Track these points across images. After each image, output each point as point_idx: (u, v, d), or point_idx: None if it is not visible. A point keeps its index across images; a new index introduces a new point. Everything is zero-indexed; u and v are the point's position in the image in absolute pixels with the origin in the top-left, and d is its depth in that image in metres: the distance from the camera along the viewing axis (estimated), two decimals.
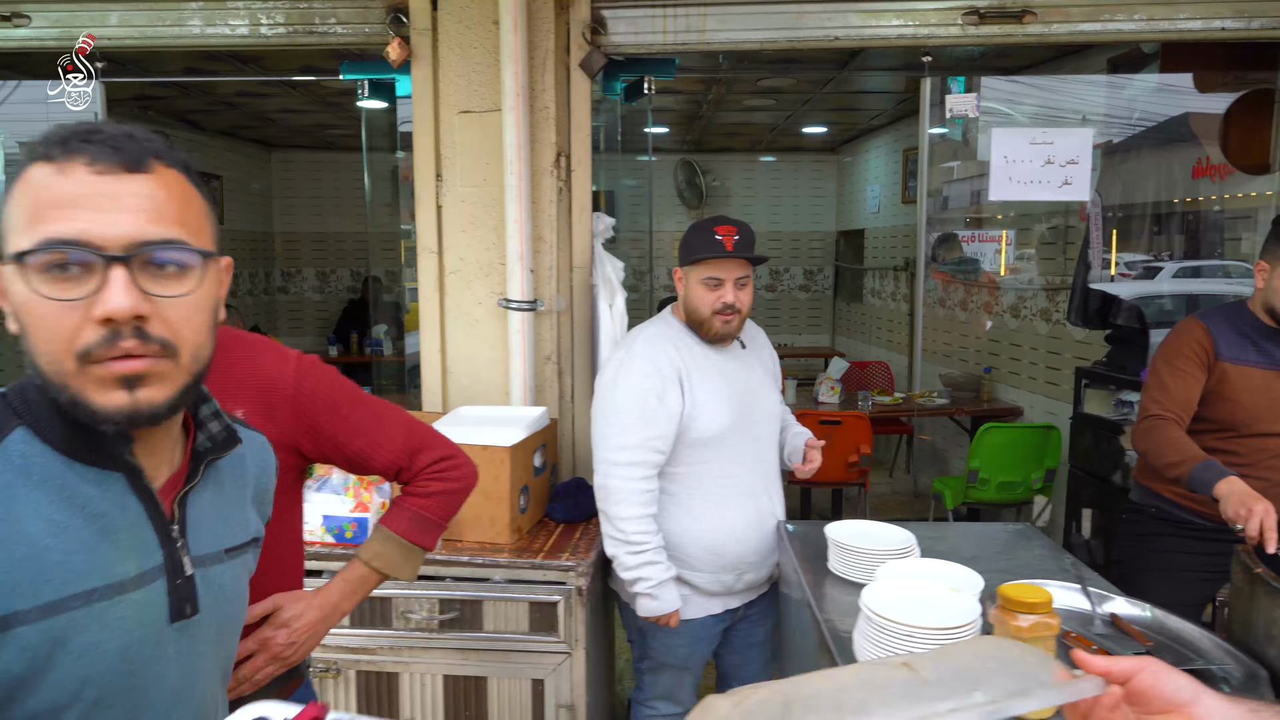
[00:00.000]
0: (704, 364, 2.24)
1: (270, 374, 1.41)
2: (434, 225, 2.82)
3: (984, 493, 4.46)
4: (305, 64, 4.99)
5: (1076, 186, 2.89)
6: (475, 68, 2.72)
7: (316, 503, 2.33)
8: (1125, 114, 4.23)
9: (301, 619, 1.44)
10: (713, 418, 2.19)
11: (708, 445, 2.21)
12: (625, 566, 2.15)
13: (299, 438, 1.44)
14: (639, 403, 2.14)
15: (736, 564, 2.26)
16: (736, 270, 2.20)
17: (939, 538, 2.33)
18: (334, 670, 2.31)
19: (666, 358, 2.19)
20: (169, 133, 6.75)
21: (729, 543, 2.24)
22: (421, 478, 1.56)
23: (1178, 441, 2.22)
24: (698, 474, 2.23)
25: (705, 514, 2.23)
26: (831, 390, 5.32)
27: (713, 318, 2.21)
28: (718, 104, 6.46)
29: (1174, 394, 2.30)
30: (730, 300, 2.20)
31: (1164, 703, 0.81)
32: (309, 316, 8.97)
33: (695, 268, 2.21)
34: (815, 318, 9.36)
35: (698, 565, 2.24)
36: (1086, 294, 3.94)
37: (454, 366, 2.88)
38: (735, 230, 2.19)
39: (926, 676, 0.79)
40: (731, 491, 2.25)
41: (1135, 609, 1.80)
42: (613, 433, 2.16)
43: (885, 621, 1.52)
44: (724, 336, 2.25)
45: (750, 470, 2.29)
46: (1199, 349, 2.31)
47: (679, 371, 2.18)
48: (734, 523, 2.25)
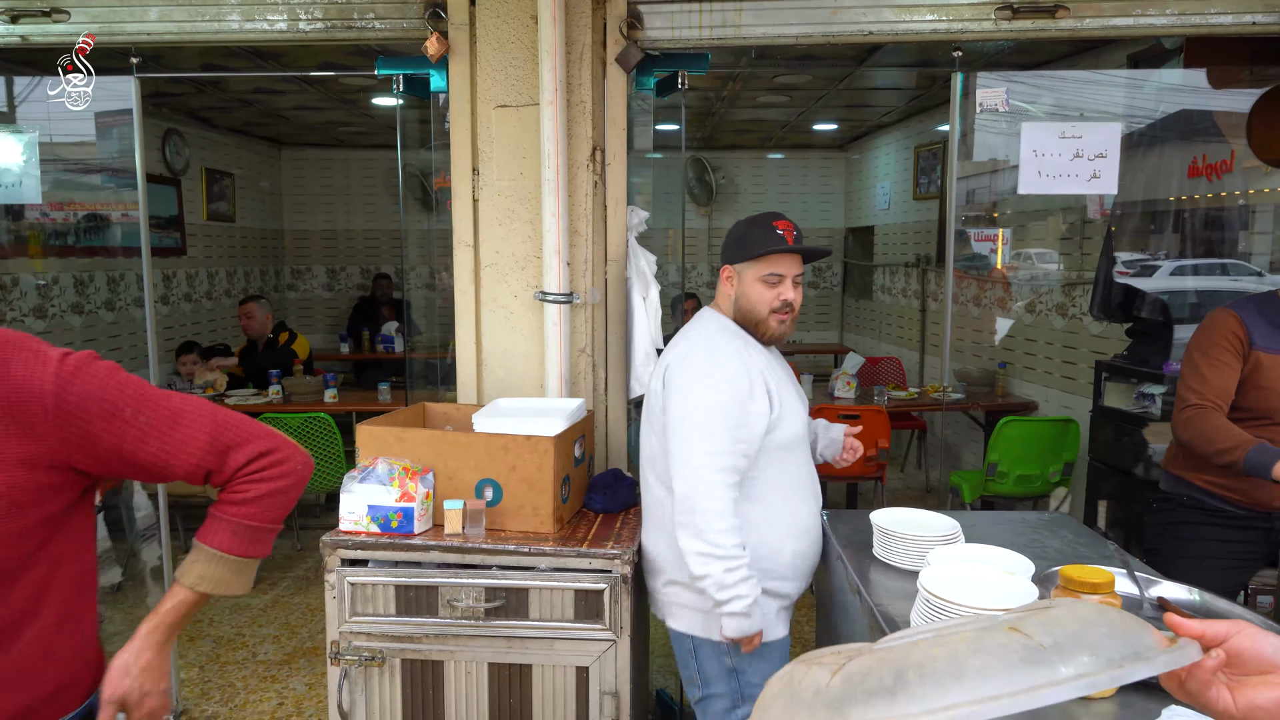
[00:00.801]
0: (768, 364, 2.16)
1: (22, 382, 1.18)
2: (470, 219, 2.84)
3: (1003, 486, 4.49)
4: (325, 60, 5.01)
5: (1105, 180, 2.91)
6: (513, 62, 2.74)
7: (360, 493, 2.35)
8: (1148, 110, 4.26)
9: (136, 663, 1.40)
10: (794, 418, 2.13)
11: (789, 448, 2.13)
12: (722, 585, 1.98)
13: (70, 453, 1.24)
14: (730, 403, 2.02)
15: (811, 569, 2.23)
16: (796, 267, 2.14)
17: (973, 526, 2.36)
18: (379, 659, 2.33)
19: (743, 359, 2.09)
20: (181, 130, 6.79)
21: (811, 545, 2.19)
22: (239, 480, 1.38)
23: (1225, 428, 2.26)
24: (780, 478, 2.13)
25: (793, 520, 2.14)
26: (847, 385, 5.34)
27: (769, 317, 2.14)
28: (732, 101, 6.48)
29: (1212, 383, 2.33)
30: (790, 298, 2.13)
31: (1262, 663, 0.80)
32: (319, 314, 9.00)
33: (754, 264, 2.13)
34: (824, 314, 9.39)
35: (789, 574, 2.15)
36: (1110, 287, 3.97)
37: (489, 359, 2.91)
38: (793, 226, 2.12)
39: (1041, 641, 0.81)
40: (807, 493, 2.20)
41: (1182, 592, 1.82)
42: (701, 436, 2.01)
43: (945, 603, 1.55)
44: (779, 338, 2.18)
45: (812, 471, 2.26)
46: (1233, 338, 2.34)
47: (762, 371, 2.09)
48: (810, 526, 2.19)
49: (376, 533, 2.35)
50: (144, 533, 4.76)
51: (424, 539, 2.32)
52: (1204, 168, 4.07)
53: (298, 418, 4.60)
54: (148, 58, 3.10)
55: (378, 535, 2.34)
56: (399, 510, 2.34)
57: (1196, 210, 4.25)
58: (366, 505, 2.35)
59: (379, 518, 2.35)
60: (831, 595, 2.30)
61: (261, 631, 4.12)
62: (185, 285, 7.00)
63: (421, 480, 2.38)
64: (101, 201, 5.60)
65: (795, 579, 2.17)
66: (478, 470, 2.40)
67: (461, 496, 2.41)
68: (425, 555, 2.31)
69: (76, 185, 5.38)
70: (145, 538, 4.78)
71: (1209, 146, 4.06)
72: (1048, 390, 5.24)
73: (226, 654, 3.89)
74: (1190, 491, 2.52)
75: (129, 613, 4.33)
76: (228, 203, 7.69)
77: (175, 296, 6.86)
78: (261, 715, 3.36)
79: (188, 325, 6.99)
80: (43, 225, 5.31)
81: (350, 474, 2.39)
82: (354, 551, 2.32)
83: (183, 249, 6.94)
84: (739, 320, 2.18)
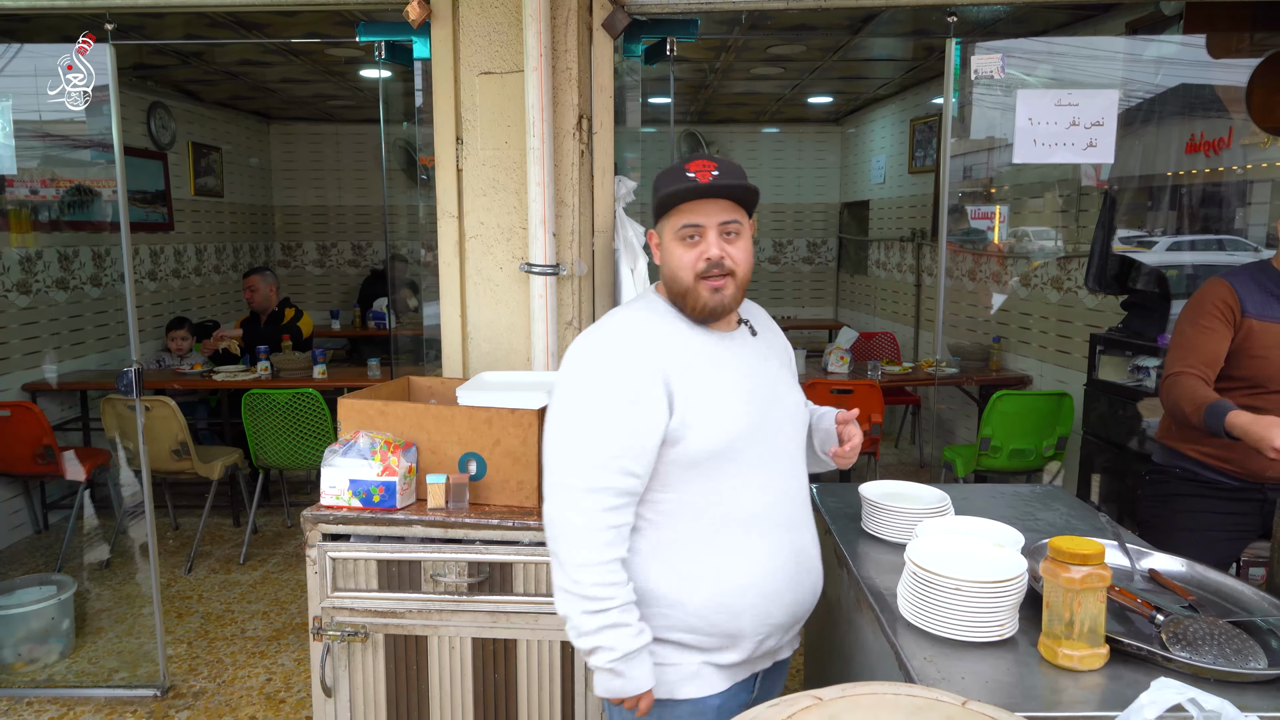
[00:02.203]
0: (699, 355, 1.63)
1: None
2: (454, 189, 2.79)
3: (996, 460, 4.47)
4: (311, 30, 4.92)
5: (1101, 149, 2.86)
6: (496, 28, 2.68)
7: (342, 467, 2.32)
8: (1146, 81, 4.20)
9: None
10: (715, 426, 1.58)
11: (711, 465, 1.59)
12: (580, 631, 1.53)
13: None
14: (606, 407, 1.55)
15: (758, 625, 1.61)
16: (720, 213, 1.61)
17: (966, 499, 2.33)
18: (362, 634, 2.30)
19: (646, 350, 1.59)
20: (167, 103, 6.68)
21: (750, 595, 1.60)
22: None
23: (1193, 390, 2.24)
24: (693, 502, 1.60)
25: (710, 559, 1.60)
26: (841, 360, 5.31)
27: (697, 284, 1.61)
28: (725, 73, 6.39)
29: (1199, 350, 2.31)
30: (716, 254, 1.60)
31: None
32: (310, 290, 8.92)
33: (667, 219, 1.65)
34: (819, 290, 9.34)
35: (705, 629, 1.60)
36: (1106, 259, 3.92)
37: (474, 332, 2.86)
38: (714, 165, 1.61)
39: None
40: (749, 527, 1.61)
41: (1173, 564, 1.80)
42: (568, 447, 1.57)
43: (933, 576, 1.52)
44: (715, 310, 1.63)
45: (776, 495, 1.65)
46: (1224, 306, 2.32)
47: (663, 368, 1.58)
48: (754, 571, 1.61)
49: (358, 507, 2.31)
50: (131, 510, 4.74)
51: (406, 513, 2.29)
52: (1201, 144, 4.02)
53: (286, 393, 4.56)
54: (127, 27, 3.04)
55: (360, 510, 2.31)
56: (381, 484, 2.31)
57: (1194, 186, 4.20)
58: (348, 479, 2.31)
59: (361, 492, 2.31)
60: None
61: (250, 608, 4.10)
62: (173, 261, 6.92)
63: (404, 454, 2.34)
64: (87, 177, 5.52)
65: (713, 636, 1.60)
66: (461, 444, 2.36)
67: (445, 470, 2.37)
68: (408, 530, 2.27)
69: (62, 161, 5.29)
70: (133, 515, 4.75)
71: (1207, 123, 4.00)
72: (1042, 364, 5.21)
73: (215, 630, 3.87)
74: (1183, 463, 2.49)
75: (117, 589, 4.30)
76: (215, 178, 7.60)
77: (163, 273, 6.79)
78: (249, 691, 3.35)
79: (176, 302, 6.93)
80: (30, 201, 5.23)
81: (332, 448, 2.35)
82: (335, 526, 2.29)
83: (170, 224, 6.86)
84: (673, 298, 1.68)
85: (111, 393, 4.51)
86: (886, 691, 1.14)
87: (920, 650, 1.50)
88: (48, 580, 3.71)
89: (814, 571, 1.72)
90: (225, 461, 4.71)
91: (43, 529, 5.15)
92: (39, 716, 3.20)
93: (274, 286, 5.79)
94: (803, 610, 1.70)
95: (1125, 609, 1.59)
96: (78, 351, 5.62)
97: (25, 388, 5.11)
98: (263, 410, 4.61)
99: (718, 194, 1.60)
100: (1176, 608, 1.60)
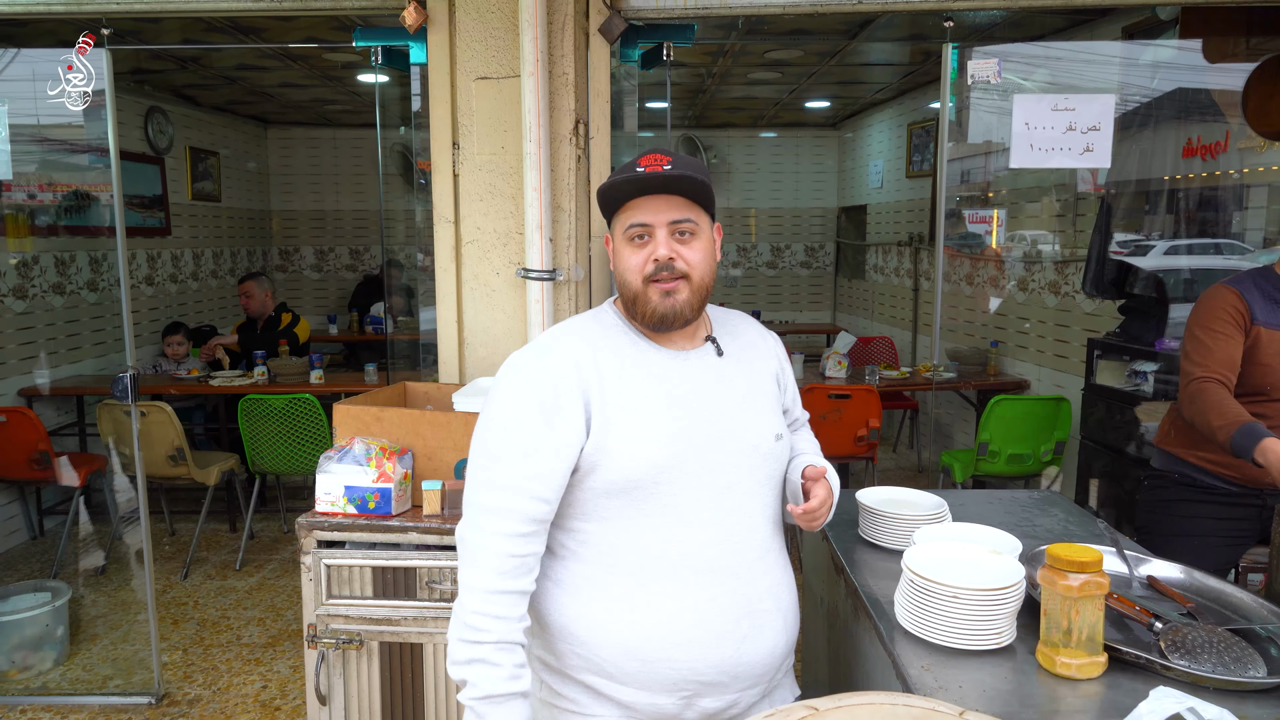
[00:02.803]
0: (635, 373, 1.47)
1: None
2: (450, 194, 2.78)
3: (994, 465, 4.46)
4: (308, 35, 4.92)
5: (1098, 153, 2.86)
6: (493, 33, 2.67)
7: (337, 474, 2.31)
8: (1143, 86, 4.20)
9: None
10: (634, 454, 1.42)
11: (632, 496, 1.43)
12: (453, 659, 1.40)
13: None
14: (520, 427, 1.42)
15: (680, 681, 1.44)
16: (671, 210, 1.46)
17: (964, 504, 2.33)
18: (357, 642, 2.29)
19: (570, 361, 1.45)
20: (165, 108, 6.68)
21: (665, 646, 1.43)
22: None
23: (1222, 403, 2.22)
24: (617, 540, 1.45)
25: (626, 599, 1.44)
26: (839, 365, 5.30)
27: (646, 288, 1.46)
28: (722, 78, 6.40)
29: (1217, 355, 2.29)
30: (664, 254, 1.45)
31: None
32: (307, 295, 8.92)
33: (617, 219, 1.51)
34: (817, 294, 9.34)
35: (617, 675, 1.45)
36: (1103, 264, 3.92)
37: (470, 338, 2.86)
38: (668, 159, 1.46)
39: None
40: (677, 569, 1.44)
41: (1172, 571, 1.80)
42: (479, 465, 1.45)
43: (930, 583, 1.51)
44: (667, 318, 1.47)
45: (717, 537, 1.46)
46: (1235, 312, 2.30)
47: (584, 383, 1.44)
48: (675, 620, 1.43)
49: (353, 514, 2.30)
50: (127, 516, 4.72)
51: (402, 520, 2.28)
52: (1199, 148, 4.02)
53: (282, 399, 4.55)
54: (124, 31, 3.04)
55: (355, 516, 2.30)
56: (376, 491, 2.30)
57: (1191, 190, 4.20)
58: (343, 486, 2.31)
59: (356, 498, 2.30)
60: (814, 576, 2.27)
61: (246, 614, 4.08)
62: (170, 266, 6.91)
63: (399, 460, 2.34)
64: (84, 182, 5.51)
65: (631, 685, 1.44)
66: (457, 450, 2.35)
67: (441, 477, 2.37)
68: (403, 536, 2.26)
69: (59, 165, 5.28)
70: (128, 521, 4.74)
71: (1203, 127, 4.01)
72: (1040, 369, 5.21)
73: (210, 637, 3.86)
74: (1182, 469, 2.49)
75: (113, 596, 4.29)
76: (213, 182, 7.59)
77: (160, 277, 6.78)
78: (245, 698, 3.33)
79: (174, 306, 6.92)
80: (27, 206, 5.22)
81: (327, 454, 2.34)
82: (330, 533, 2.28)
83: (167, 229, 6.85)
84: (625, 306, 1.53)
85: (107, 398, 4.50)
86: (883, 701, 1.13)
87: (918, 659, 1.49)
88: (43, 587, 3.69)
89: (769, 629, 1.50)
90: (222, 467, 4.69)
91: (38, 535, 5.13)
92: None
93: (269, 292, 5.79)
94: (750, 671, 1.48)
95: (1124, 616, 1.58)
96: (74, 357, 5.61)
97: (21, 393, 5.09)
98: (259, 416, 4.59)
99: (663, 188, 1.45)
100: (1175, 615, 1.59)
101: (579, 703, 1.49)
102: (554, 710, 1.52)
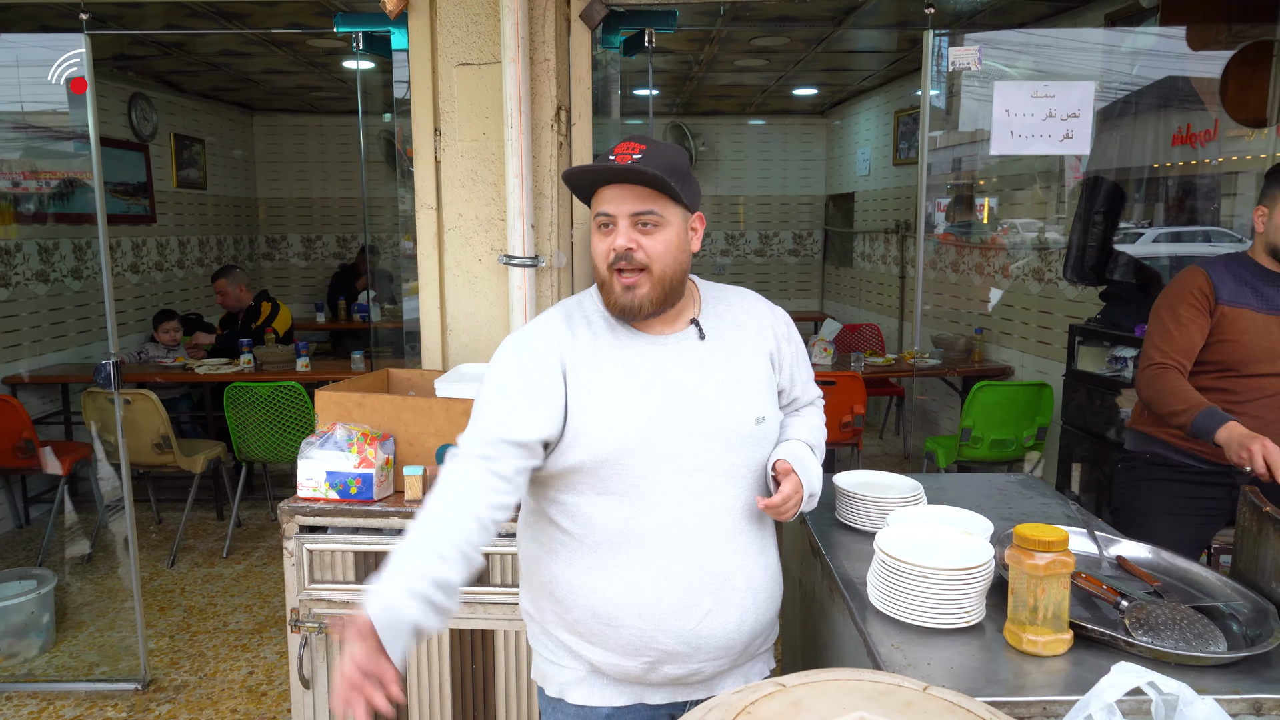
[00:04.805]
0: (611, 355, 1.53)
1: None
2: (432, 181, 2.78)
3: (977, 451, 4.50)
4: (292, 21, 4.90)
5: (1078, 140, 2.88)
6: (474, 19, 2.67)
7: (319, 459, 2.32)
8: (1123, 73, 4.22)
9: None
10: (607, 434, 1.48)
11: (601, 474, 1.49)
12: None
13: None
14: (501, 383, 1.51)
15: (641, 647, 1.52)
16: (633, 201, 1.46)
17: (942, 488, 2.35)
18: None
19: (548, 338, 1.54)
20: (149, 94, 6.63)
21: (627, 615, 1.51)
22: None
23: (1180, 389, 2.27)
24: (591, 513, 1.52)
25: (597, 566, 1.53)
26: (825, 352, 5.33)
27: (611, 277, 1.50)
28: (709, 65, 6.39)
29: (1177, 341, 2.34)
30: (622, 244, 1.46)
31: None
32: (294, 283, 8.89)
33: (592, 205, 1.54)
34: (804, 282, 9.36)
35: (586, 636, 1.55)
36: (1084, 251, 3.95)
37: (453, 324, 2.86)
38: (641, 147, 1.47)
39: None
40: (640, 543, 1.50)
41: (1141, 551, 1.82)
42: (471, 421, 1.53)
43: (901, 564, 1.53)
44: (627, 310, 1.50)
45: (686, 515, 1.51)
46: (1200, 295, 2.35)
47: (562, 359, 1.52)
48: (637, 591, 1.51)
49: (335, 499, 2.31)
50: (112, 505, 4.72)
51: (384, 505, 2.29)
52: (1188, 136, 4.04)
53: (268, 386, 4.55)
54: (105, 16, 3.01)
55: (336, 502, 2.31)
56: (358, 476, 2.31)
57: (1179, 178, 4.22)
58: (325, 471, 2.31)
59: (337, 484, 2.31)
60: (793, 559, 2.29)
61: (233, 601, 4.09)
62: (155, 254, 6.88)
63: (381, 446, 2.35)
64: (68, 169, 5.47)
65: (598, 646, 1.54)
66: (439, 436, 2.36)
67: (423, 463, 2.38)
68: (385, 522, 2.28)
69: (42, 152, 5.25)
70: (114, 509, 4.73)
71: (1193, 115, 4.02)
72: (1024, 355, 5.24)
73: (197, 623, 3.87)
74: (1154, 448, 2.52)
75: (99, 584, 4.29)
76: (198, 169, 7.55)
77: (145, 265, 6.74)
78: (231, 684, 3.35)
79: (159, 294, 6.89)
80: (9, 193, 5.19)
81: (308, 440, 2.35)
82: (312, 518, 2.29)
83: (152, 217, 6.81)
84: (601, 292, 1.57)
85: (91, 386, 4.49)
86: (849, 678, 1.15)
87: (888, 637, 1.51)
88: (28, 574, 3.69)
89: (735, 606, 1.54)
90: (208, 455, 4.69)
91: (24, 523, 5.13)
92: (18, 711, 3.19)
93: (243, 285, 5.78)
94: (713, 644, 1.53)
95: (1091, 595, 1.61)
96: (58, 345, 5.59)
97: (5, 381, 5.08)
98: (245, 403, 4.59)
99: (625, 178, 1.46)
100: (1141, 593, 1.62)
101: (556, 655, 1.63)
102: (539, 658, 1.67)
